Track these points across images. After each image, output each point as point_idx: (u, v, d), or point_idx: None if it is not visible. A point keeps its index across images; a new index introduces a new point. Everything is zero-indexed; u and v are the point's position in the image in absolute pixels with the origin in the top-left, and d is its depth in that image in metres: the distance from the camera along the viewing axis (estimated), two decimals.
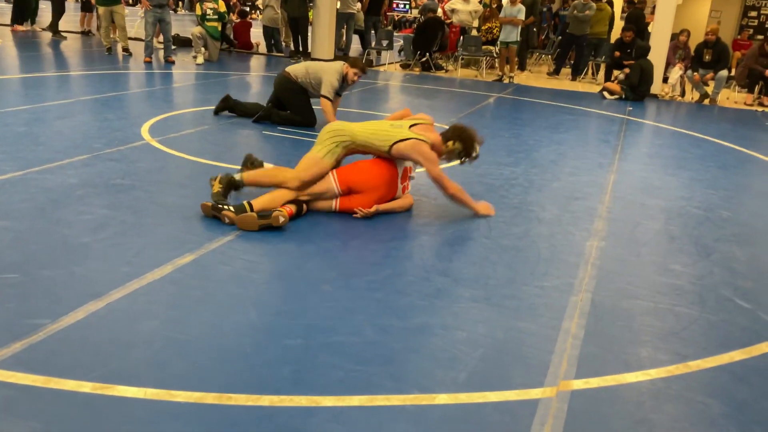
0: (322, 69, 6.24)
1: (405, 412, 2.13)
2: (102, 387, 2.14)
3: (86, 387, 2.13)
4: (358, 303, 2.85)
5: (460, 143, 3.94)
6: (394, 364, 2.41)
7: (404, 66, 12.53)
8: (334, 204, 3.89)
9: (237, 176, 3.85)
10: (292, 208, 3.72)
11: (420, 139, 3.90)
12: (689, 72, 10.38)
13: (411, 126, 4.04)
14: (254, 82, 9.53)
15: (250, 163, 4.16)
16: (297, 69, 6.30)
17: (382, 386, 2.26)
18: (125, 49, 10.77)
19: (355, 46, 13.08)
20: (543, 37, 14.62)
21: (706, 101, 10.33)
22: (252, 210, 3.58)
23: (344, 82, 6.22)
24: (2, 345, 2.32)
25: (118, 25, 10.75)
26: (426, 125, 4.11)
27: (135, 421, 1.99)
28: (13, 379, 2.14)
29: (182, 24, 17.90)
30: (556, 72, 12.22)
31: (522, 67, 12.48)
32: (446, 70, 12.36)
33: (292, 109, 6.39)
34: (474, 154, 4.03)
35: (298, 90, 6.30)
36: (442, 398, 2.22)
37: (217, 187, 3.76)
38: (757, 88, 10.66)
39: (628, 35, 10.60)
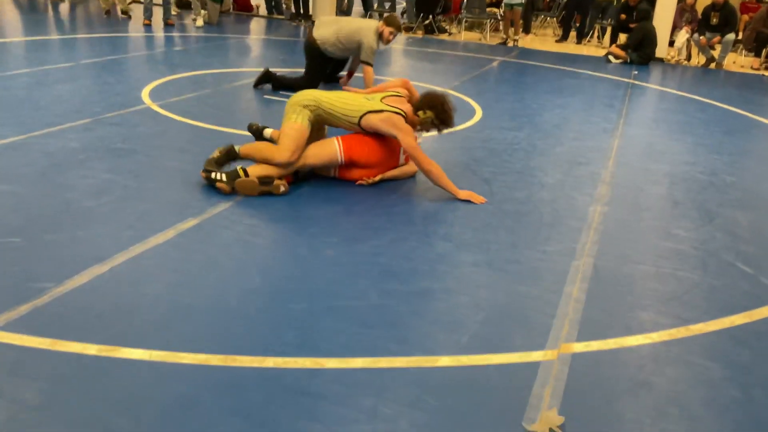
0: (357, 31, 5.89)
1: (408, 374, 2.16)
2: (108, 349, 2.16)
3: (92, 349, 2.15)
4: (361, 268, 2.86)
5: (432, 111, 3.81)
6: (397, 327, 2.42)
7: (407, 29, 12.35)
8: (333, 171, 3.88)
9: (237, 147, 3.80)
10: (290, 176, 3.70)
11: (393, 112, 3.77)
12: (696, 35, 10.23)
13: (383, 98, 3.90)
14: (255, 45, 9.42)
15: (255, 128, 4.15)
16: (325, 35, 5.96)
17: (386, 349, 2.28)
18: (124, 12, 10.63)
19: (357, 8, 12.88)
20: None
21: (713, 65, 10.20)
22: (246, 175, 3.55)
23: (379, 42, 5.95)
24: (8, 308, 2.34)
25: None
26: (399, 98, 3.97)
27: (141, 383, 2.02)
28: (19, 342, 2.16)
29: None
30: (564, 38, 12.05)
31: (527, 30, 12.28)
32: (450, 33, 12.19)
33: (305, 70, 6.22)
34: (449, 121, 3.89)
35: (316, 54, 6.08)
36: (445, 360, 2.24)
37: (216, 154, 3.73)
38: (764, 52, 10.51)
39: None
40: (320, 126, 3.92)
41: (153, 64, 7.06)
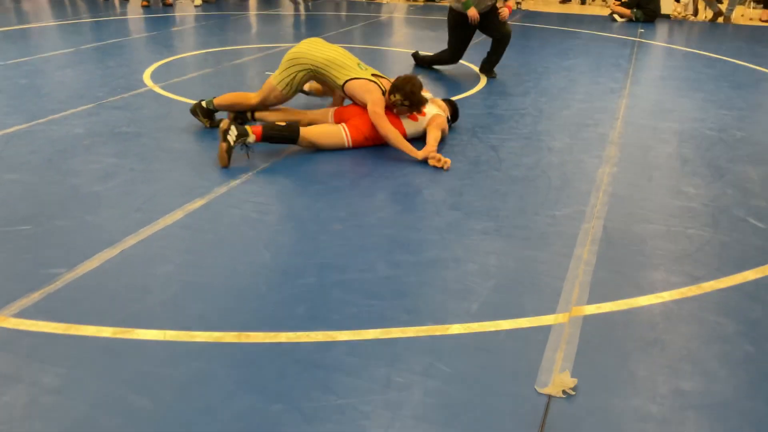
0: None
1: (419, 342, 2.17)
2: (122, 331, 2.18)
3: (106, 332, 2.17)
4: (369, 240, 2.86)
5: (399, 94, 3.83)
6: (407, 297, 2.43)
7: None
8: (347, 141, 3.95)
9: (205, 102, 4.27)
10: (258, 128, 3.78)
11: (373, 82, 3.95)
12: None
13: (374, 73, 4.10)
14: (254, 22, 9.34)
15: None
16: None
17: (397, 319, 2.29)
18: None
19: None
20: None
21: (720, 19, 10.00)
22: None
23: None
24: (22, 295, 2.36)
25: None
26: (388, 81, 4.12)
27: (156, 362, 2.04)
28: (34, 328, 2.19)
29: None
30: None
31: None
32: None
33: (447, 43, 6.09)
34: (417, 103, 3.87)
35: (453, 23, 5.91)
36: (456, 328, 2.25)
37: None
38: None
39: None
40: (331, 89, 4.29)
41: (153, 46, 7.02)
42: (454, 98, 4.97)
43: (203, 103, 4.27)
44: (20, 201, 3.13)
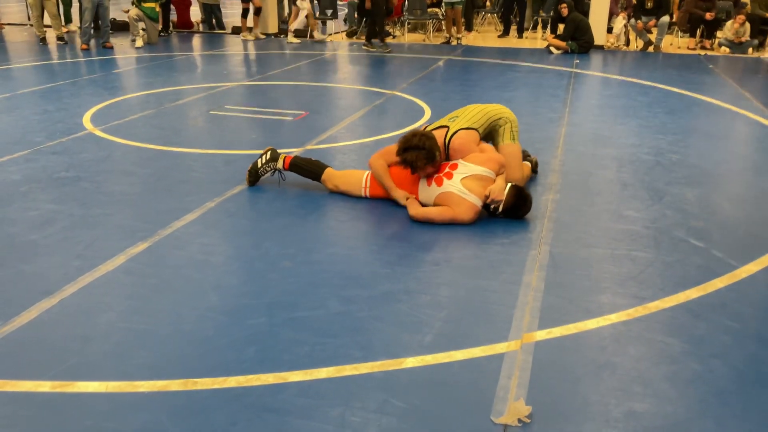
0: None
1: (373, 379, 2.13)
2: (61, 385, 2.08)
3: (45, 386, 2.07)
4: (320, 276, 2.83)
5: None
6: (360, 333, 2.40)
7: (350, 34, 12.36)
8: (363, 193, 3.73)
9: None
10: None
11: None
12: (632, 20, 10.49)
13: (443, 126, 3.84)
14: (196, 62, 9.29)
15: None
16: None
17: (350, 356, 2.25)
18: (60, 38, 10.36)
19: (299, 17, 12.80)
20: None
21: (651, 48, 10.47)
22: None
23: None
24: None
25: (49, 13, 10.29)
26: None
27: (98, 416, 1.95)
28: None
29: (119, 7, 17.28)
30: (506, 33, 12.21)
31: (469, 28, 12.41)
32: (393, 36, 12.23)
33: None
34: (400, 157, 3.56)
35: None
36: (410, 362, 2.23)
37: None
38: (698, 32, 10.83)
39: None
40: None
41: (93, 89, 6.90)
42: (398, 132, 5.01)
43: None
44: None
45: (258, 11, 11.44)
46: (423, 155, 3.40)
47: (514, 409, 1.97)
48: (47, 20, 10.47)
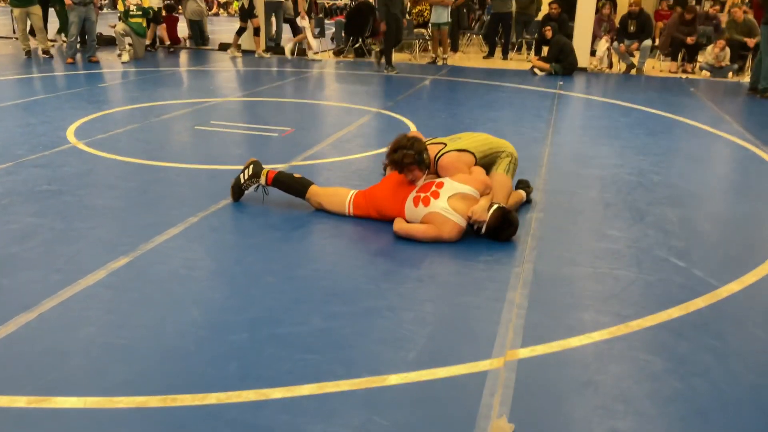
0: None
1: (355, 396, 2.12)
2: (38, 400, 2.04)
3: (20, 401, 2.03)
4: (303, 292, 2.81)
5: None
6: (343, 350, 2.39)
7: (337, 53, 12.43)
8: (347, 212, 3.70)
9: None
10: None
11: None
12: (615, 43, 10.65)
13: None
14: (182, 77, 9.28)
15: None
16: None
17: (332, 373, 2.24)
18: (45, 52, 10.32)
19: (287, 35, 12.87)
20: (473, 17, 14.73)
21: (633, 71, 10.63)
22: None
23: None
24: None
25: (35, 27, 10.27)
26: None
27: None
28: None
29: (106, 21, 17.27)
30: (491, 54, 12.35)
31: (455, 48, 12.54)
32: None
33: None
34: (398, 163, 3.56)
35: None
36: (393, 379, 2.21)
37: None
38: (680, 56, 11.02)
39: (555, 9, 10.84)
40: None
41: (78, 103, 6.86)
42: (384, 150, 5.01)
43: None
44: None
45: (257, 31, 11.47)
46: (411, 155, 3.46)
47: (497, 427, 1.96)
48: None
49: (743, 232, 3.73)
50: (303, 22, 11.20)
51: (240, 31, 11.49)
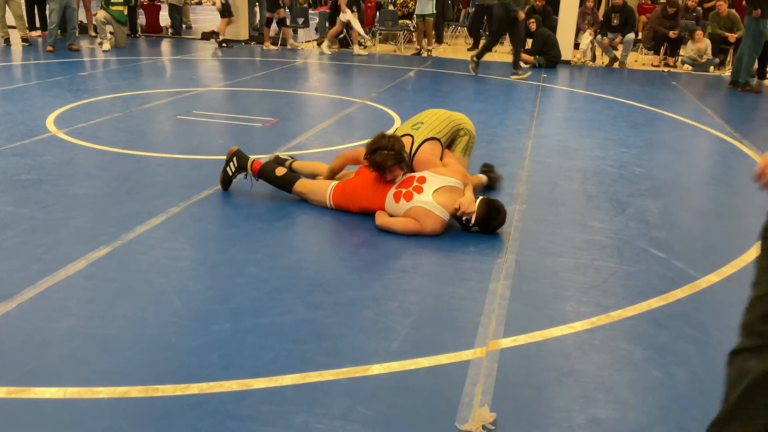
0: None
1: (338, 386, 2.12)
2: (17, 390, 2.02)
3: (0, 392, 2.01)
4: (286, 282, 2.81)
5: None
6: (326, 339, 2.39)
7: (321, 43, 12.36)
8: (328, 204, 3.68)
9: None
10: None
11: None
12: (599, 37, 10.71)
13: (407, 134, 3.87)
14: (164, 66, 9.18)
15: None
16: None
17: (315, 362, 2.24)
18: (24, 39, 10.15)
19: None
20: (458, 9, 14.72)
21: (616, 64, 10.69)
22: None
23: None
24: None
25: (14, 14, 10.08)
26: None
27: (55, 423, 1.89)
28: None
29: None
30: (475, 46, 12.34)
31: (439, 40, 12.52)
32: (365, 46, 12.27)
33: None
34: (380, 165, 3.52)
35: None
36: (376, 369, 2.22)
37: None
38: (662, 50, 11.10)
39: (539, 1, 10.86)
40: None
41: (58, 91, 6.76)
42: (364, 141, 5.01)
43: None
44: None
45: (283, 22, 11.28)
46: (392, 156, 3.44)
47: (479, 416, 1.98)
48: (11, 21, 10.25)
49: (723, 223, 3.78)
50: (346, 15, 10.90)
51: (269, 23, 11.29)
